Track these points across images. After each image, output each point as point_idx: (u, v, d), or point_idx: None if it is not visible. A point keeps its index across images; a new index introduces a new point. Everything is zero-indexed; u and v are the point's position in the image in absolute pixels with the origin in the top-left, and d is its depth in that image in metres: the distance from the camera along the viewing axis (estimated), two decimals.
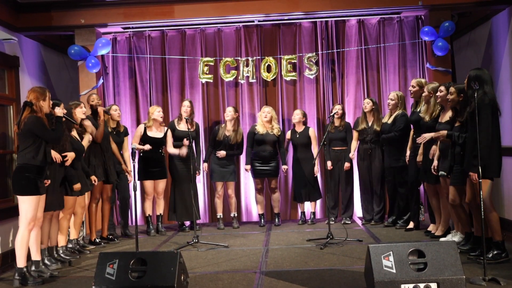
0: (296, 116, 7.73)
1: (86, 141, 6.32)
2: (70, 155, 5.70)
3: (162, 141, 7.42)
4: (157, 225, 7.58)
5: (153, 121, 7.38)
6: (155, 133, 7.39)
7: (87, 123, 6.49)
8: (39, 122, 4.99)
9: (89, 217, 6.80)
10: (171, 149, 7.46)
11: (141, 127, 7.44)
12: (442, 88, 5.80)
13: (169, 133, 7.51)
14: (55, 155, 5.49)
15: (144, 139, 7.35)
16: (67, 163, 5.70)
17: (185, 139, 7.33)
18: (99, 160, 6.62)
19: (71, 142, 5.87)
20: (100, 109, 6.76)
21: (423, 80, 6.82)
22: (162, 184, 7.51)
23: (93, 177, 6.38)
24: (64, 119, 5.52)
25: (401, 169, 7.00)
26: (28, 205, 4.94)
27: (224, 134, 7.61)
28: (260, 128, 7.68)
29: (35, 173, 4.97)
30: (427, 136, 5.86)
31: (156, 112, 7.38)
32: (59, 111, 5.29)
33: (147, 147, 7.21)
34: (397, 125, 7.00)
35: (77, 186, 5.87)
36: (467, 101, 5.27)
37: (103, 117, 6.71)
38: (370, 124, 7.44)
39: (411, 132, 6.84)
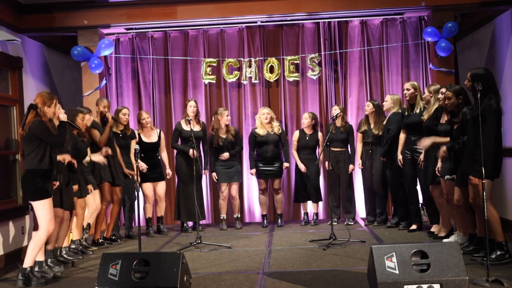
0: (305, 120, 7.69)
1: (96, 157, 6.37)
2: (67, 157, 5.71)
3: (156, 145, 7.46)
4: (158, 226, 7.59)
5: (142, 127, 7.42)
6: (148, 138, 7.42)
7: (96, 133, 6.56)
8: (43, 126, 5.01)
9: (97, 218, 6.80)
10: (164, 153, 7.54)
11: (135, 132, 7.46)
12: (443, 90, 5.81)
13: (163, 136, 7.59)
14: (62, 157, 5.53)
15: (140, 144, 7.35)
16: (75, 166, 5.76)
17: (190, 152, 7.26)
18: (104, 165, 6.62)
19: (75, 142, 5.87)
20: (109, 115, 6.82)
21: (416, 83, 6.86)
22: (161, 186, 7.52)
23: (90, 186, 6.36)
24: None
25: (399, 171, 6.99)
26: (43, 209, 5.00)
27: (222, 138, 7.61)
28: (260, 130, 7.68)
29: (42, 178, 5.01)
30: (427, 143, 5.86)
31: (141, 118, 7.43)
32: (63, 116, 5.29)
33: (143, 167, 7.25)
34: (391, 128, 6.99)
35: (75, 187, 5.87)
36: (466, 101, 5.30)
37: (110, 123, 6.75)
38: (372, 126, 7.44)
39: (402, 136, 6.82)
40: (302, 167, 7.63)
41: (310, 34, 8.47)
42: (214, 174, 7.72)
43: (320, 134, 7.79)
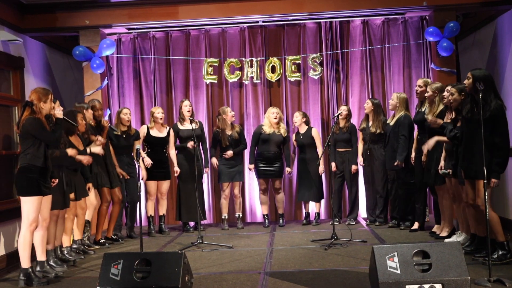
0: (296, 119, 7.73)
1: (95, 149, 6.35)
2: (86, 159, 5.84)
3: (165, 141, 7.45)
4: (159, 226, 7.59)
5: (155, 123, 7.41)
6: (158, 133, 7.42)
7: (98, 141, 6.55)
8: (37, 123, 4.99)
9: (98, 218, 6.81)
10: (172, 150, 7.50)
11: (144, 127, 7.47)
12: (449, 87, 5.79)
13: (172, 133, 7.54)
14: (82, 158, 5.71)
15: (148, 139, 7.38)
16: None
17: (189, 143, 7.32)
18: (101, 167, 6.63)
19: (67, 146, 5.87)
20: (105, 122, 6.82)
21: (429, 80, 6.82)
22: (166, 185, 7.53)
23: (89, 184, 6.36)
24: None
25: (403, 170, 6.98)
26: (30, 206, 4.95)
27: (228, 135, 7.61)
28: (267, 129, 7.68)
29: (37, 174, 4.98)
30: (431, 143, 5.87)
31: (156, 112, 7.43)
32: (59, 112, 5.28)
33: (148, 162, 7.25)
34: (401, 131, 6.97)
35: (71, 195, 5.86)
36: (477, 100, 5.29)
37: (106, 130, 6.76)
38: (370, 124, 7.43)
39: (415, 133, 6.83)
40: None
41: (311, 34, 8.47)
42: (214, 159, 7.69)
43: (314, 129, 7.76)
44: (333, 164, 7.58)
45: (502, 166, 4.98)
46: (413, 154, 6.79)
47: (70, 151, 5.62)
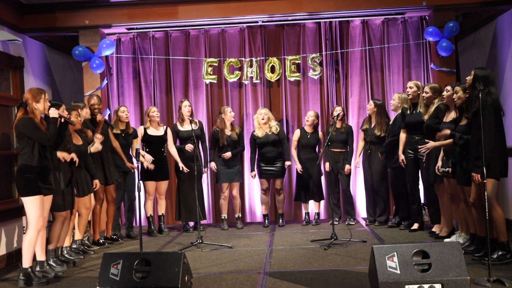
0: (310, 118, 7.67)
1: (93, 147, 6.33)
2: (72, 156, 5.71)
3: (163, 139, 7.45)
4: (159, 225, 7.59)
5: (151, 122, 7.41)
6: (155, 131, 7.42)
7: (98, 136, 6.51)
8: (29, 124, 4.98)
9: (93, 218, 6.81)
10: (173, 148, 7.49)
11: (141, 128, 7.48)
12: (448, 87, 5.78)
13: (169, 131, 7.54)
14: (61, 155, 5.53)
15: (146, 139, 7.37)
16: (76, 164, 5.75)
17: (187, 146, 7.34)
18: (97, 164, 6.60)
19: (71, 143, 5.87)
20: (99, 116, 6.75)
21: (419, 82, 6.84)
22: (164, 185, 7.53)
23: (96, 181, 6.36)
24: (61, 120, 5.29)
25: (401, 170, 6.98)
26: (32, 206, 4.96)
27: (226, 136, 7.61)
28: (259, 132, 7.67)
29: (35, 174, 4.99)
30: (430, 146, 5.85)
31: (151, 112, 7.44)
32: (53, 112, 5.23)
33: (149, 165, 7.21)
34: (395, 129, 6.97)
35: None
36: (472, 98, 5.29)
37: (101, 124, 6.71)
38: (372, 125, 7.42)
39: (403, 135, 6.79)
40: (298, 167, 7.65)
41: (311, 34, 8.47)
42: (213, 163, 7.66)
43: (320, 133, 7.78)
44: (327, 164, 7.58)
45: (481, 160, 4.75)
46: (402, 156, 6.78)
47: (59, 154, 5.60)
